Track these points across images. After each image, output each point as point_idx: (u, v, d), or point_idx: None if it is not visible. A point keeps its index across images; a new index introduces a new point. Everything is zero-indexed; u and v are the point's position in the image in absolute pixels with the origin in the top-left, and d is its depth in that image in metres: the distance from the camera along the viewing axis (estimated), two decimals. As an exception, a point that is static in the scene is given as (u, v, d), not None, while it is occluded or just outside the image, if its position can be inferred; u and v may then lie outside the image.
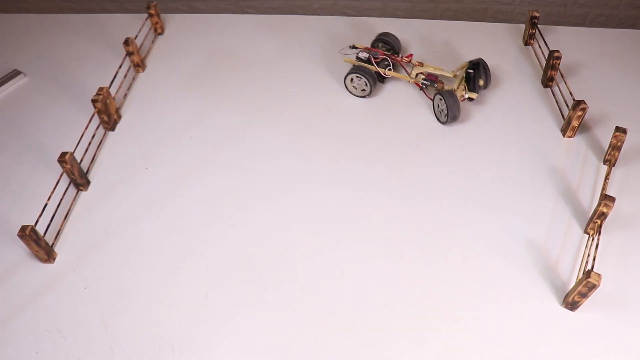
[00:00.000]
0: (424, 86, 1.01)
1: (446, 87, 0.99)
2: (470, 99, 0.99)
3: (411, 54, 1.05)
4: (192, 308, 0.75)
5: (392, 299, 0.75)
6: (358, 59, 1.04)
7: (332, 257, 0.80)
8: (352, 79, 1.02)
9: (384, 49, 1.08)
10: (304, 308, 0.74)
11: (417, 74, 1.02)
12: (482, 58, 1.01)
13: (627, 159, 0.91)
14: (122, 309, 0.75)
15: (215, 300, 0.75)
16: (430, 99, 1.01)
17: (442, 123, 0.98)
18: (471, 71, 0.98)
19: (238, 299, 0.75)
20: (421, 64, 1.03)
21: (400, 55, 1.07)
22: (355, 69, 1.01)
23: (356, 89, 1.03)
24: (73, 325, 0.73)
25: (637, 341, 0.70)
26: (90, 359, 0.70)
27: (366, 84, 1.01)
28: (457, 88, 0.98)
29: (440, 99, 0.96)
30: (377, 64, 1.02)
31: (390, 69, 1.03)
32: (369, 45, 1.09)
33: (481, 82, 0.99)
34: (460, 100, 0.96)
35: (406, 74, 1.04)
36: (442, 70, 1.03)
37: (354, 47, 1.08)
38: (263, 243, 0.82)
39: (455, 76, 1.02)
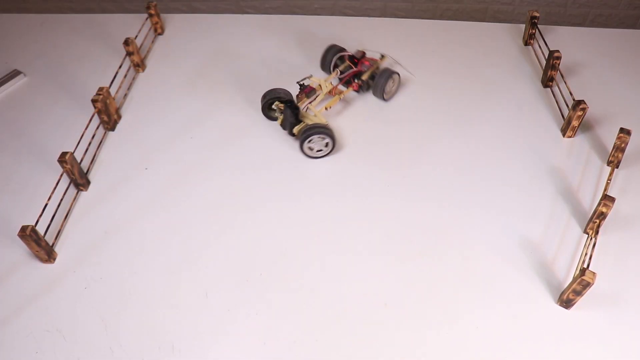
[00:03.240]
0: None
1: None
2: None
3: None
4: (192, 308, 0.75)
5: (392, 299, 0.75)
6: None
7: (332, 257, 0.80)
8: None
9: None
10: (304, 308, 0.74)
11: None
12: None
13: (629, 160, 0.91)
14: (122, 309, 0.75)
15: (215, 300, 0.75)
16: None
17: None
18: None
19: (238, 299, 0.75)
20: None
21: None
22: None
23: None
24: (73, 325, 0.73)
25: (631, 340, 0.70)
26: (90, 359, 0.70)
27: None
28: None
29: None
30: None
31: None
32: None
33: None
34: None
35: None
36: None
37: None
38: (263, 243, 0.82)
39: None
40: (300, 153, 0.93)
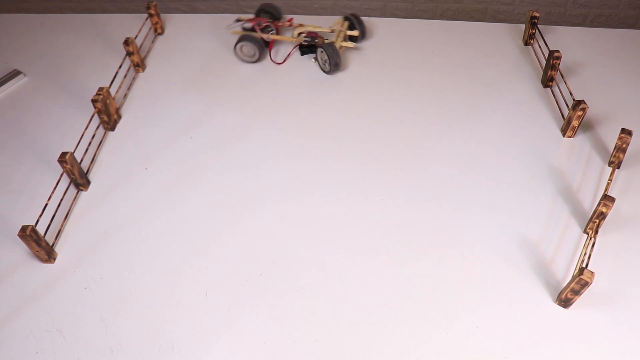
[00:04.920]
0: (306, 42, 1.11)
1: (326, 41, 1.09)
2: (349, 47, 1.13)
3: (291, 18, 1.17)
4: (192, 308, 0.75)
5: (392, 299, 0.75)
6: (244, 29, 1.14)
7: (332, 257, 0.80)
8: (241, 47, 1.11)
9: (267, 17, 1.17)
10: (304, 308, 0.74)
11: (298, 34, 1.13)
12: (355, 14, 1.16)
13: (630, 160, 0.91)
14: (122, 309, 0.75)
15: (215, 300, 0.75)
16: (314, 59, 1.11)
17: (327, 72, 1.08)
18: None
19: (238, 299, 0.75)
20: (302, 25, 1.15)
21: (281, 21, 1.17)
22: (242, 38, 1.10)
23: (246, 55, 1.12)
24: (73, 325, 0.73)
25: (630, 339, 0.70)
26: (90, 359, 0.70)
27: (254, 51, 1.10)
28: (336, 40, 1.10)
29: (322, 52, 1.07)
30: (261, 30, 1.12)
31: (273, 34, 1.14)
32: (252, 17, 1.17)
33: (356, 33, 1.13)
34: (340, 51, 1.08)
35: (289, 36, 1.14)
36: (321, 27, 1.14)
37: (238, 20, 1.17)
38: (263, 243, 0.82)
39: (333, 31, 1.13)
40: (301, 150, 0.93)
